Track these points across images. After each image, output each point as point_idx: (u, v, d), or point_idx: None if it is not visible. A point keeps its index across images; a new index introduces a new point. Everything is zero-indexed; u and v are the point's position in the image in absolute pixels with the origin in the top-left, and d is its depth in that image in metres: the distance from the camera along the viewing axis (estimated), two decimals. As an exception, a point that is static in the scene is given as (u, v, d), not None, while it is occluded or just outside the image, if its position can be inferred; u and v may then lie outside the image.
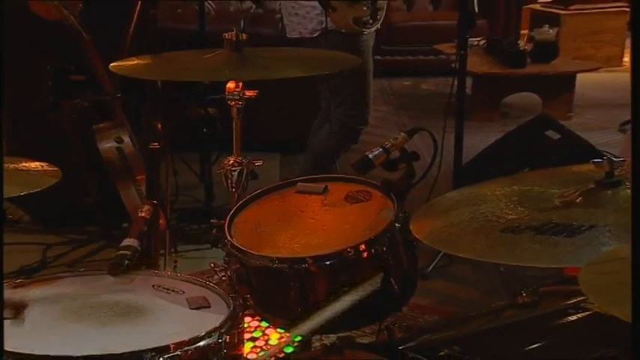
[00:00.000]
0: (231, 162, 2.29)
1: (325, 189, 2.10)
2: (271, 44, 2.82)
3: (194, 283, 1.92)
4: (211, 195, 4.37)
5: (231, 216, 2.05)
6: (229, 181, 2.34)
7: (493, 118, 6.09)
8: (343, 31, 3.87)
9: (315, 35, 3.94)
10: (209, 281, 1.94)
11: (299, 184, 2.13)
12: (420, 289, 2.09)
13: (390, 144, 2.02)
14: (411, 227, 1.75)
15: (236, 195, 2.34)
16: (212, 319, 1.72)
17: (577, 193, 1.67)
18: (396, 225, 1.93)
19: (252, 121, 2.51)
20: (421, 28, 7.67)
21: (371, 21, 3.90)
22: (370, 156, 2.00)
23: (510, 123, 5.10)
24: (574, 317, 1.94)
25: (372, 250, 1.88)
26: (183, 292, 1.86)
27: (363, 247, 1.87)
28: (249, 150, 2.46)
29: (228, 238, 1.97)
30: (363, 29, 3.89)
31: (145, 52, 2.63)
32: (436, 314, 3.18)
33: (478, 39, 6.42)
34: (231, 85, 2.35)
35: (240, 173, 2.29)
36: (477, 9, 3.72)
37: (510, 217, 1.65)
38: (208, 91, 3.97)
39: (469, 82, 6.42)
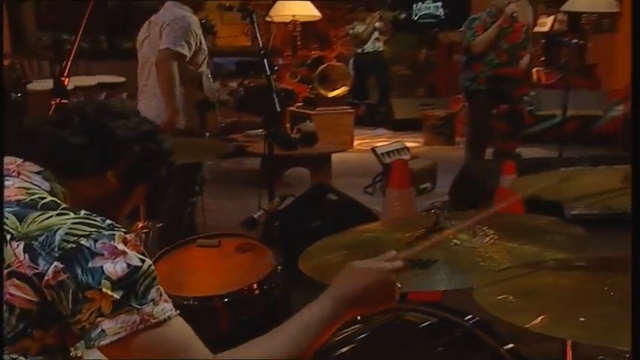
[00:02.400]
0: (140, 226, 2.11)
1: (219, 243, 1.97)
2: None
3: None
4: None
5: (148, 268, 1.87)
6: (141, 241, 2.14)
7: (278, 186, 6.10)
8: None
9: None
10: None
11: (198, 240, 1.99)
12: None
13: (268, 207, 1.94)
14: (300, 266, 1.67)
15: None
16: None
17: (416, 236, 1.68)
18: (278, 268, 1.85)
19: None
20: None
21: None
22: (255, 216, 1.92)
23: (291, 190, 5.11)
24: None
25: (264, 287, 1.79)
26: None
27: (255, 286, 1.79)
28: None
29: (148, 285, 1.79)
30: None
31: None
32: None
33: (260, 130, 6.45)
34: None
35: (147, 234, 2.11)
36: (278, 109, 3.71)
37: (371, 255, 1.63)
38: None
39: (258, 160, 6.47)
